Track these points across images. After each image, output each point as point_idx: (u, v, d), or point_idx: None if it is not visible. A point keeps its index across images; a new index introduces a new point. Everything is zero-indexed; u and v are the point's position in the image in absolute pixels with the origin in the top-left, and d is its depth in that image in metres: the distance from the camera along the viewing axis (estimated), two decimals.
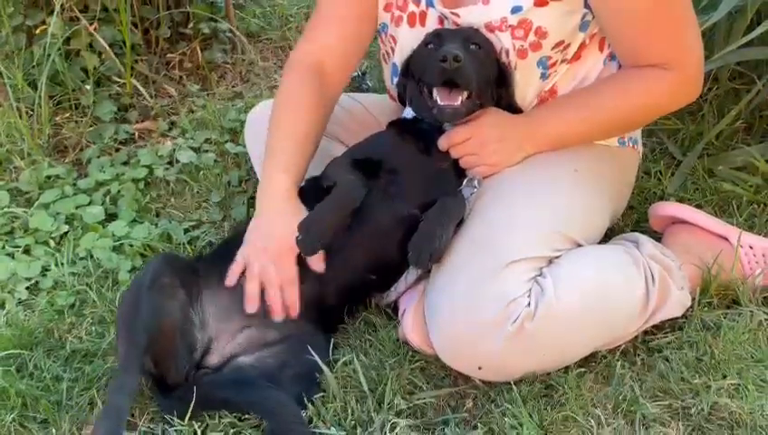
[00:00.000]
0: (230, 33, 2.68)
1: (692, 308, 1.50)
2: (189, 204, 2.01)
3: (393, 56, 1.64)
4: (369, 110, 1.81)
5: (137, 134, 2.28)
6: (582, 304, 1.33)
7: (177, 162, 2.12)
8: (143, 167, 2.09)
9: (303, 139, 1.55)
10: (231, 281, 1.44)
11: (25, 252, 1.82)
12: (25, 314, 1.63)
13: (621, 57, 1.50)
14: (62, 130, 2.24)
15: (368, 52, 1.74)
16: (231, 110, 2.36)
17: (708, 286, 1.53)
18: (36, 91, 2.14)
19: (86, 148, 2.18)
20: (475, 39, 1.46)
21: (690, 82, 1.47)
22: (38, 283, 1.73)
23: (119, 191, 2.00)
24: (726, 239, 1.57)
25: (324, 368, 1.37)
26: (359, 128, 1.75)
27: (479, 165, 1.50)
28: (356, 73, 2.54)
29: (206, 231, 1.89)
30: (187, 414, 1.30)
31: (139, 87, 2.33)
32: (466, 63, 1.38)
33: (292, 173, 1.51)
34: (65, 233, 1.87)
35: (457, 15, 1.49)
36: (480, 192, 1.49)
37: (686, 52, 1.44)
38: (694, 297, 1.51)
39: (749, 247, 1.56)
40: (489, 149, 1.49)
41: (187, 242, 1.83)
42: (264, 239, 1.45)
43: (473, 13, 1.48)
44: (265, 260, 1.43)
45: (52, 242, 1.84)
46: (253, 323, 1.43)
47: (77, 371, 1.46)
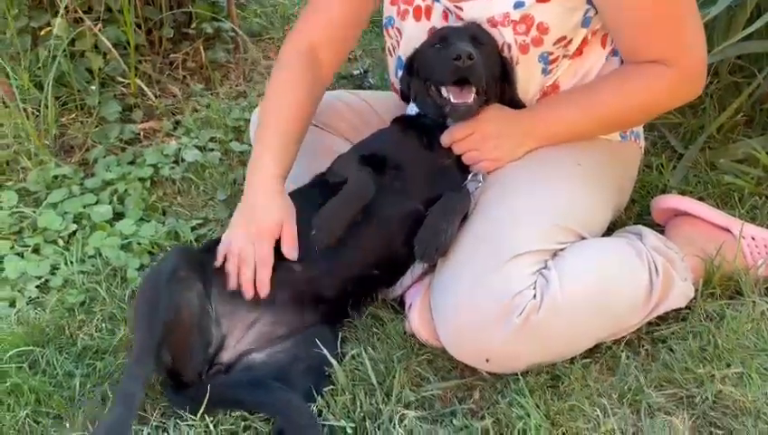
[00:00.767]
0: (233, 33, 2.69)
1: (695, 299, 1.51)
2: (195, 202, 2.03)
3: (399, 49, 1.65)
4: (373, 106, 1.82)
5: (142, 134, 2.30)
6: (587, 295, 1.34)
7: (183, 161, 2.14)
8: (149, 166, 2.11)
9: (292, 123, 1.57)
10: (219, 262, 1.47)
11: (35, 251, 1.84)
12: (36, 312, 1.65)
13: (623, 52, 1.51)
14: (68, 130, 2.26)
15: (368, 50, 1.76)
16: (235, 108, 2.38)
17: (711, 277, 1.54)
18: (42, 92, 2.16)
19: (92, 148, 2.20)
20: (480, 36, 1.47)
21: (691, 79, 1.48)
22: (48, 281, 1.75)
23: (125, 190, 2.02)
24: (728, 231, 1.59)
25: (333, 361, 1.38)
26: (362, 124, 1.77)
27: (481, 160, 1.52)
28: (358, 71, 2.56)
29: (212, 229, 1.92)
30: (199, 412, 1.31)
31: (144, 87, 2.35)
32: (477, 61, 1.40)
33: (279, 159, 1.53)
34: (74, 232, 1.89)
35: (461, 9, 1.50)
36: (483, 187, 1.50)
37: (686, 49, 1.45)
38: (697, 288, 1.52)
39: (751, 238, 1.58)
40: (490, 144, 1.50)
41: (194, 239, 1.86)
42: (247, 222, 1.48)
43: (476, 7, 1.49)
44: (245, 242, 1.46)
45: (60, 241, 1.86)
46: (260, 316, 1.44)
47: (89, 367, 1.48)
